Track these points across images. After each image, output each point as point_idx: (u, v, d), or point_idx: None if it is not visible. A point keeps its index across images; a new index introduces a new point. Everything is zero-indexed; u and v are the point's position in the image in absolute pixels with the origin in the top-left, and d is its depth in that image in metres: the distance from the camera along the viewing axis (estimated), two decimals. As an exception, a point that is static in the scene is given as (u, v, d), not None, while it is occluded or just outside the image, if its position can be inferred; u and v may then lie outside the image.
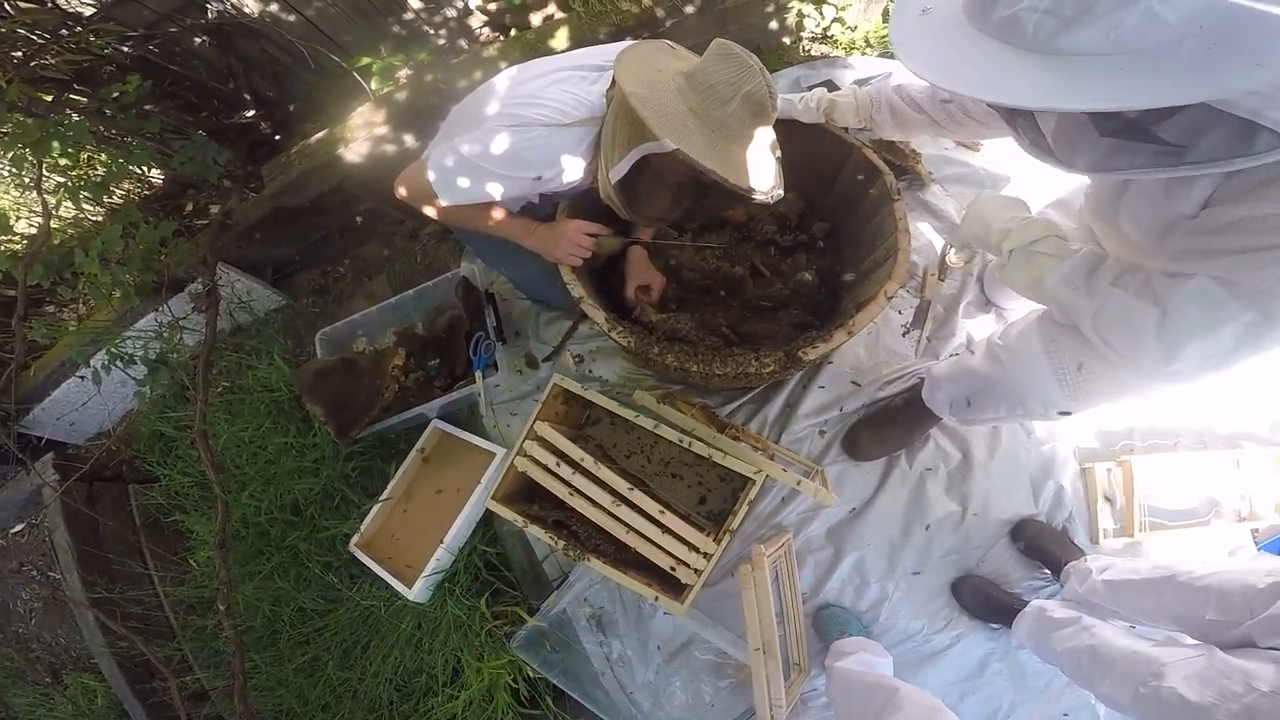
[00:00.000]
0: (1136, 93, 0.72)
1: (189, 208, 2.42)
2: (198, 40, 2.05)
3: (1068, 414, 1.21)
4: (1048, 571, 1.60)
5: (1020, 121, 0.94)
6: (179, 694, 1.84)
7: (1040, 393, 1.19)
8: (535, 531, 1.57)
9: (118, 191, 2.36)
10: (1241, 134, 0.75)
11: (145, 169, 2.35)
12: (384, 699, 1.82)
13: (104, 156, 2.11)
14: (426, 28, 2.15)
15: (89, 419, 2.43)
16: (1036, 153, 0.95)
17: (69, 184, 2.10)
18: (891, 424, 1.68)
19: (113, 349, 2.09)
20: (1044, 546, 1.59)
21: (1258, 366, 1.66)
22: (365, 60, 2.02)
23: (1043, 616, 1.40)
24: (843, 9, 2.22)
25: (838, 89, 1.56)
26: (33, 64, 1.85)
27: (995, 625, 1.58)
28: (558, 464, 1.53)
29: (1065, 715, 1.53)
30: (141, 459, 2.31)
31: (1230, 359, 0.95)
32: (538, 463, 1.56)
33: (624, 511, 1.48)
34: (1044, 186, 1.56)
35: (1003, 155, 2.04)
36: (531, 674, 1.68)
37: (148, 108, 2.09)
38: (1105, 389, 1.12)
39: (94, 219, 2.40)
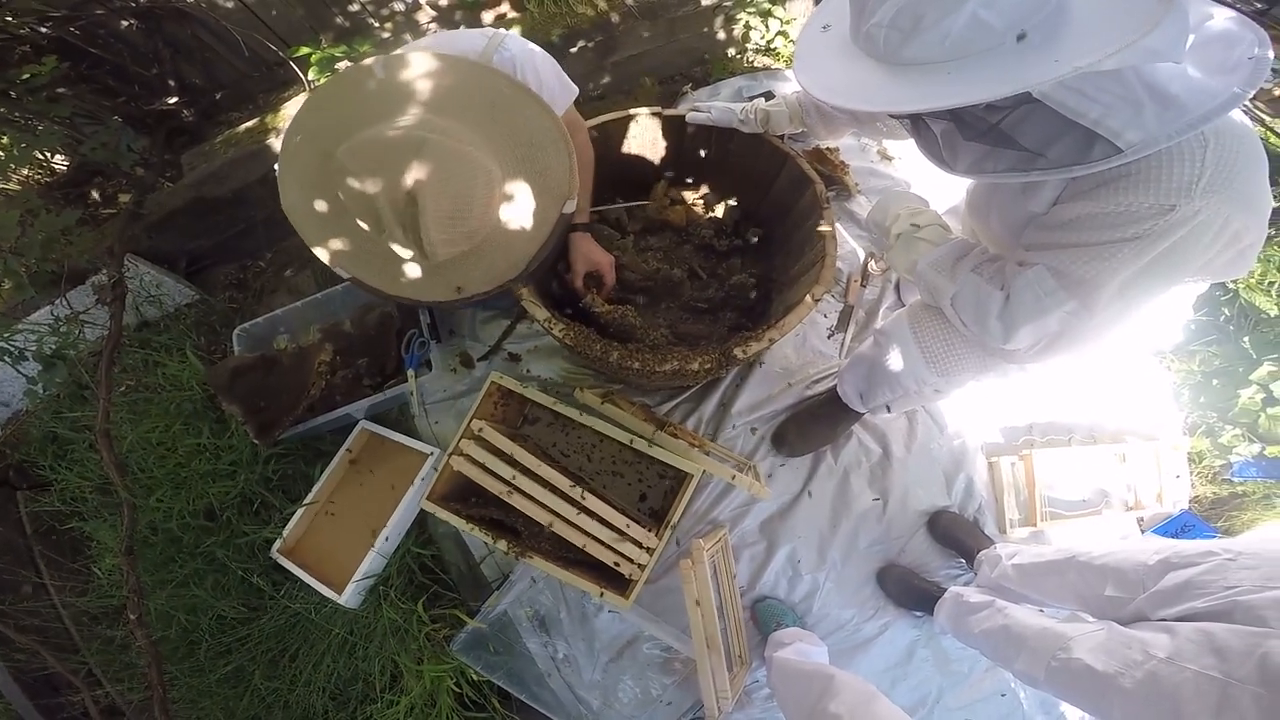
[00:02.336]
0: (949, 95, 0.82)
1: (95, 196, 2.26)
2: (124, 23, 1.94)
3: (940, 392, 1.34)
4: (963, 560, 1.71)
5: (920, 127, 1.05)
6: (93, 706, 1.69)
7: (911, 369, 1.31)
8: (474, 531, 1.54)
9: (15, 177, 2.18)
10: (1083, 143, 0.87)
11: (49, 154, 2.18)
12: (318, 708, 1.74)
13: (4, 139, 1.94)
14: (371, 20, 2.11)
15: (-32, 421, 2.22)
16: (929, 156, 1.08)
17: (-41, 167, 1.93)
18: (816, 421, 1.76)
19: (1, 343, 1.91)
20: (957, 536, 1.70)
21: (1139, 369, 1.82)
22: (304, 50, 1.96)
23: (960, 601, 1.48)
24: (787, 23, 2.33)
25: (772, 100, 1.64)
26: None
27: (919, 613, 1.67)
28: (496, 462, 1.52)
29: (1002, 695, 1.63)
30: (31, 463, 2.12)
31: (1056, 344, 1.10)
32: (475, 462, 1.54)
33: (567, 509, 1.48)
34: (943, 193, 1.70)
35: (911, 165, 2.21)
36: (475, 677, 1.65)
37: (60, 90, 1.95)
38: (967, 366, 1.25)
39: (-15, 205, 2.21)
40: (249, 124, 2.02)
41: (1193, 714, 0.88)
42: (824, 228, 1.53)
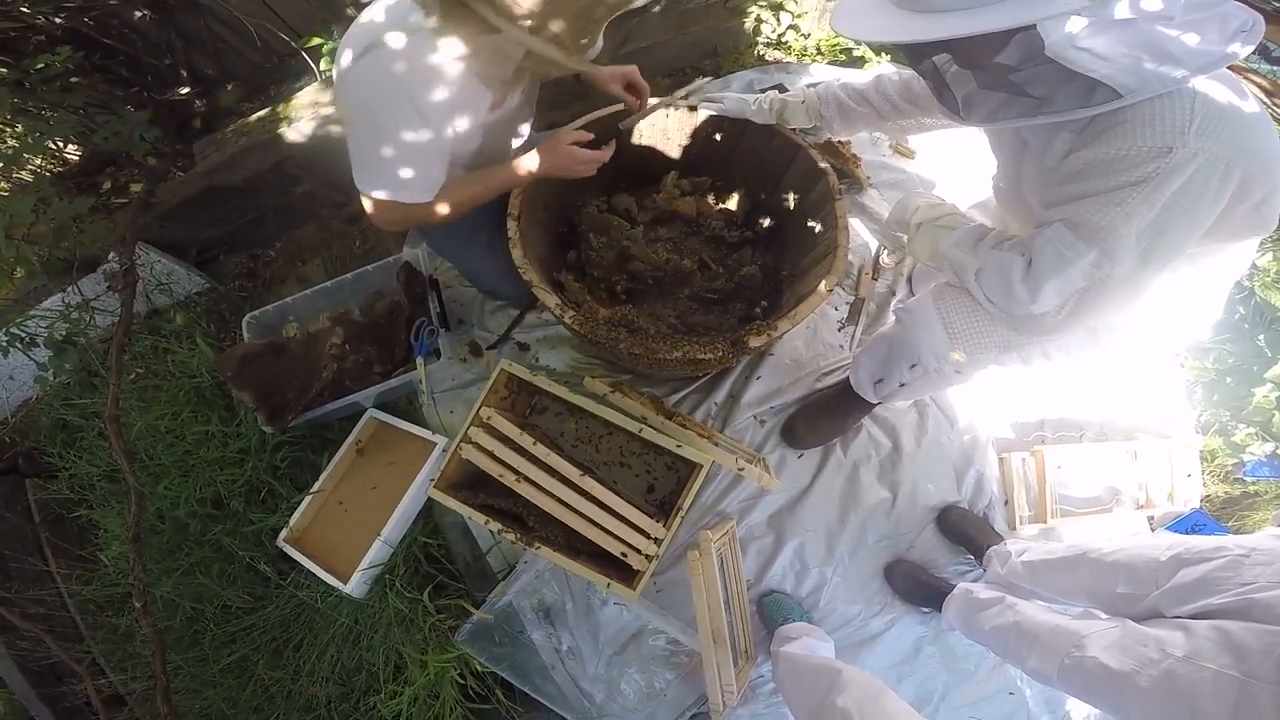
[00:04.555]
0: (971, 25, 0.90)
1: (107, 185, 2.27)
2: (138, 14, 1.95)
3: (960, 371, 1.34)
4: (971, 556, 1.70)
5: (944, 91, 1.12)
6: (96, 695, 1.70)
7: (931, 344, 1.32)
8: (481, 520, 1.54)
9: (29, 166, 2.19)
10: (1086, 90, 0.95)
11: (62, 144, 2.20)
12: (321, 698, 1.73)
13: (19, 128, 1.96)
14: (383, 12, 2.11)
15: (-21, 408, 2.23)
16: (948, 111, 1.16)
17: (-27, 155, 1.94)
18: (826, 413, 1.75)
19: (13, 329, 1.92)
20: (967, 532, 1.68)
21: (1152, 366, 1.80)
22: (316, 40, 1.96)
23: (969, 598, 1.47)
24: (798, 17, 2.34)
25: (788, 92, 1.64)
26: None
27: (926, 609, 1.65)
28: (505, 451, 1.52)
29: (1010, 694, 1.61)
30: (40, 450, 2.13)
31: (1084, 303, 1.12)
32: (484, 450, 1.53)
33: (574, 498, 1.47)
34: (967, 190, 1.70)
35: (932, 163, 2.21)
36: (480, 668, 1.64)
37: (73, 80, 1.96)
38: (989, 342, 1.27)
39: (-1, 193, 2.23)
40: (260, 113, 2.03)
41: (1210, 713, 0.87)
42: (836, 218, 1.52)
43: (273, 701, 1.79)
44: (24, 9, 1.81)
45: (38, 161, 2.21)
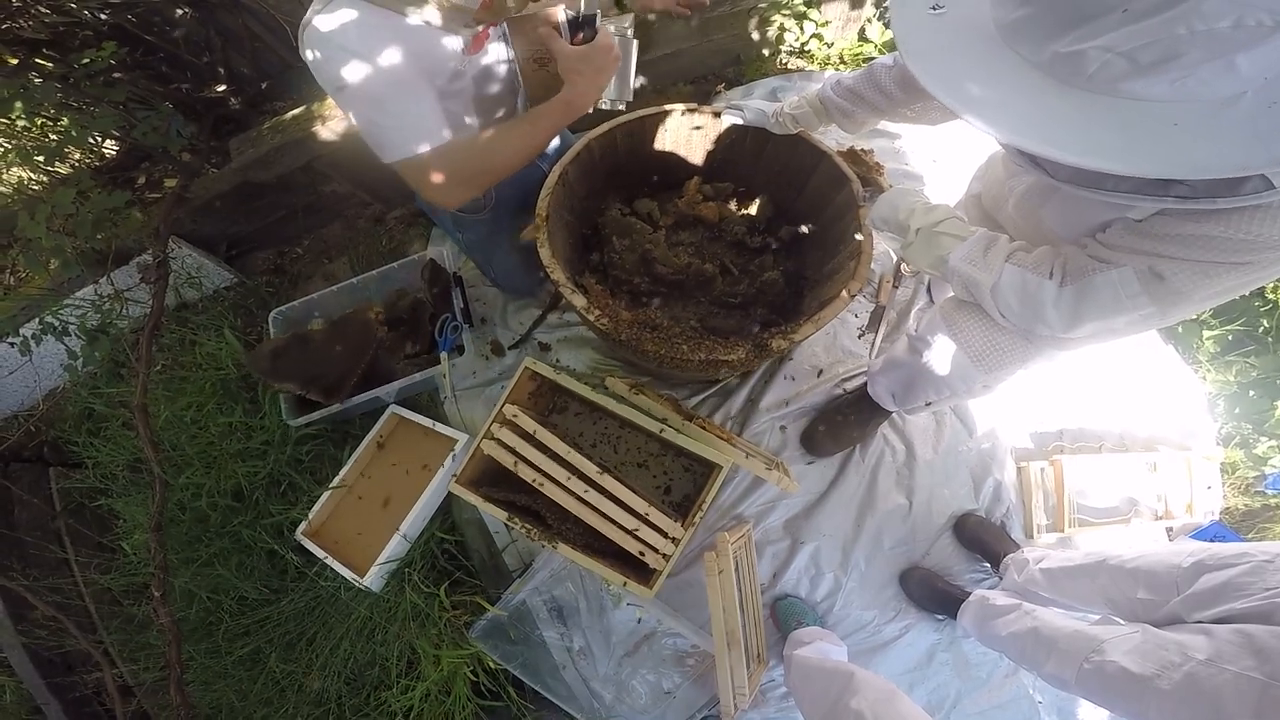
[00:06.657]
0: (1195, 160, 0.68)
1: (141, 180, 2.32)
2: (179, 11, 2.01)
3: (989, 387, 1.29)
4: (987, 564, 1.69)
5: None
6: (113, 684, 1.71)
7: (958, 371, 1.27)
8: (501, 516, 1.55)
9: (69, 159, 2.25)
10: (1234, 178, 0.75)
11: (99, 139, 2.26)
12: (332, 693, 1.74)
13: (65, 121, 2.01)
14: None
15: (8, 396, 2.27)
16: (1019, 157, 0.97)
17: (19, 147, 2.00)
18: (845, 421, 1.76)
19: (48, 317, 1.97)
20: (983, 540, 1.68)
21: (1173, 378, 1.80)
22: (350, 40, 2.01)
23: (985, 604, 1.47)
24: (822, 25, 2.37)
25: (789, 101, 1.62)
26: (5, 25, 1.79)
27: (940, 616, 1.65)
28: (527, 448, 1.53)
29: (1040, 701, 1.60)
30: (65, 440, 2.17)
31: (1114, 336, 1.09)
32: (506, 446, 1.55)
33: (593, 496, 1.48)
34: (956, 191, 1.67)
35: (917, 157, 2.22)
36: (492, 665, 1.65)
37: (116, 76, 2.02)
38: (1013, 357, 1.20)
39: (37, 185, 2.28)
40: (295, 111, 2.07)
41: (1233, 715, 0.87)
42: (860, 225, 1.54)
43: (283, 695, 1.80)
44: (72, 4, 1.87)
45: (76, 155, 2.27)
